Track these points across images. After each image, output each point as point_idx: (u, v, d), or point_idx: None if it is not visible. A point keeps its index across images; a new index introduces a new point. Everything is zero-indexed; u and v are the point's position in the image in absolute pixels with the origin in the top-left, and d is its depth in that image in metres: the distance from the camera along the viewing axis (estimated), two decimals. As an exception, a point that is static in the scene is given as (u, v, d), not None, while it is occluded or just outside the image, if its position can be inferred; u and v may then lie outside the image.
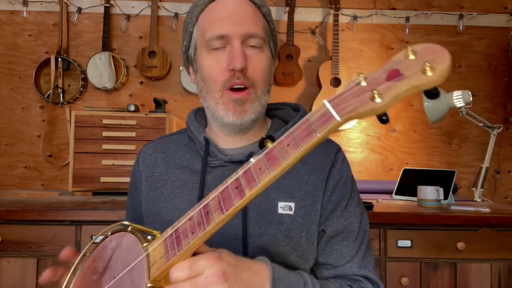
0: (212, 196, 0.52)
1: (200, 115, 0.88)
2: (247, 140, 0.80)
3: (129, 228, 0.60)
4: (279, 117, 0.85)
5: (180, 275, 0.50)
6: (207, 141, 0.79)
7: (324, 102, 0.46)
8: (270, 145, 0.49)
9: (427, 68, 0.41)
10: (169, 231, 0.54)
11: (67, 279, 0.63)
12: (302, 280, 0.64)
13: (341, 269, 0.75)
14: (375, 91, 0.42)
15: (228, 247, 0.71)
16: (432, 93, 0.43)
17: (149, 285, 0.51)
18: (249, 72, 0.73)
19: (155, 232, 0.59)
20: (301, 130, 0.47)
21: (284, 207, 0.73)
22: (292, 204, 0.74)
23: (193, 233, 0.51)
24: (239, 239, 0.72)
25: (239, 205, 0.49)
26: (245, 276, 0.55)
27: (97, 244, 0.65)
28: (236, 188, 0.50)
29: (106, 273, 0.59)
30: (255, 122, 0.78)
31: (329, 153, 0.79)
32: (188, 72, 0.85)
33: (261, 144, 0.51)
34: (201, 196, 0.75)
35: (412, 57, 0.43)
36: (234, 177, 0.51)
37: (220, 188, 0.52)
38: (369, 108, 0.42)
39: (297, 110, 0.85)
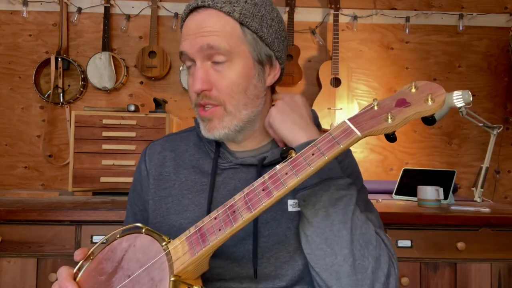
0: (238, 198, 0.58)
1: None
2: (257, 143, 0.79)
3: (143, 230, 0.63)
4: None
5: None
6: (218, 143, 0.79)
7: (345, 120, 0.57)
8: (294, 154, 0.57)
9: (429, 99, 0.54)
10: (192, 230, 0.59)
11: None
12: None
13: None
14: (389, 114, 0.54)
15: (239, 248, 0.71)
16: (429, 120, 0.55)
17: (172, 278, 0.54)
18: (213, 92, 0.71)
19: (166, 237, 0.62)
20: (324, 142, 0.56)
21: (294, 205, 0.73)
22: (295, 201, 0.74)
23: (219, 230, 0.57)
24: (249, 240, 0.71)
25: (267, 204, 0.55)
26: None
27: (104, 246, 0.66)
28: (263, 190, 0.56)
29: (118, 273, 0.60)
30: (249, 130, 0.77)
31: None
32: None
33: (283, 155, 0.58)
34: (210, 198, 0.74)
35: (414, 90, 0.56)
36: (260, 181, 0.58)
37: (246, 190, 0.58)
38: (384, 126, 0.54)
39: None
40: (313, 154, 0.55)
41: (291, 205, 0.73)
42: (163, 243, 0.59)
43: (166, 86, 2.33)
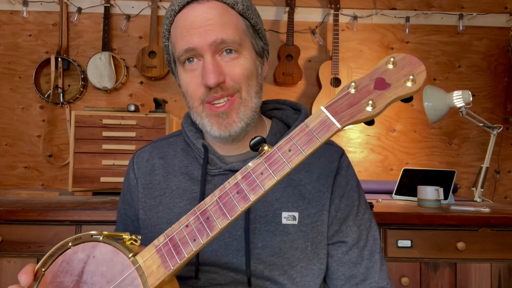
0: (209, 202, 0.52)
1: None
2: (246, 147, 0.76)
3: (101, 238, 0.55)
4: (279, 118, 0.82)
5: None
6: (206, 148, 0.76)
7: (322, 109, 0.51)
8: (269, 149, 0.51)
9: (410, 81, 0.49)
10: (162, 239, 0.54)
11: None
12: None
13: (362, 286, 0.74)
14: (369, 101, 0.49)
15: (231, 259, 0.70)
16: (407, 99, 0.51)
17: None
18: (227, 82, 0.68)
19: (123, 234, 0.56)
20: (301, 136, 0.50)
21: (288, 217, 0.71)
22: (296, 214, 0.72)
23: (194, 240, 0.51)
24: (242, 251, 0.70)
25: (244, 209, 0.50)
26: None
27: (53, 257, 0.59)
28: (238, 193, 0.51)
29: None
30: (250, 127, 0.74)
31: (333, 159, 0.77)
32: (179, 85, 0.79)
33: (255, 148, 0.52)
34: None
35: (392, 67, 0.51)
36: (232, 182, 0.52)
37: (218, 193, 0.52)
38: (365, 116, 0.49)
39: (297, 110, 0.82)
40: (289, 150, 0.50)
41: (285, 218, 0.71)
42: (130, 255, 0.53)
43: (166, 86, 2.33)
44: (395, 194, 1.92)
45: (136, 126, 1.82)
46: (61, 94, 2.23)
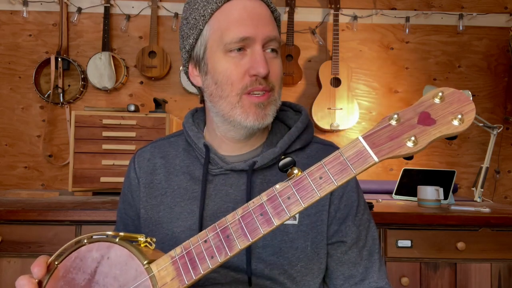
0: (231, 220, 0.51)
1: (198, 117, 0.84)
2: (249, 146, 0.77)
3: (117, 240, 0.55)
4: (280, 119, 0.82)
5: None
6: (207, 148, 0.76)
7: (359, 139, 0.49)
8: (298, 173, 0.49)
9: (457, 120, 0.45)
10: (179, 251, 0.53)
11: None
12: None
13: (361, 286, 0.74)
14: (411, 136, 0.46)
15: (232, 260, 0.71)
16: (452, 137, 0.48)
17: None
18: (270, 76, 0.70)
19: (139, 236, 0.56)
20: (334, 164, 0.48)
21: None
22: (296, 214, 0.72)
23: (212, 257, 0.50)
24: (243, 251, 0.71)
25: (266, 233, 0.49)
26: None
27: (66, 253, 0.59)
28: (262, 215, 0.49)
29: None
30: None
31: None
32: (186, 72, 0.79)
33: (284, 169, 0.50)
34: (202, 207, 0.73)
35: (439, 101, 0.47)
36: (257, 202, 0.50)
37: (240, 212, 0.51)
38: (405, 152, 0.46)
39: (298, 111, 0.83)
40: (320, 178, 0.48)
41: None
42: (145, 262, 0.52)
43: (166, 86, 2.32)
44: (395, 194, 1.92)
45: (136, 126, 1.82)
46: (61, 94, 2.23)
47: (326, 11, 2.36)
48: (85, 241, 0.58)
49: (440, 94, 0.47)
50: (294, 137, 0.76)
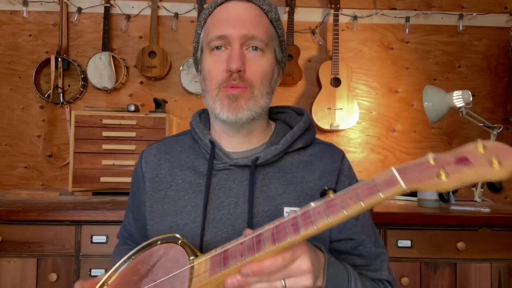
0: (267, 227, 0.56)
1: (204, 116, 0.88)
2: (251, 144, 0.80)
3: (179, 242, 0.66)
4: (283, 120, 0.85)
5: (275, 264, 0.53)
6: (213, 144, 0.79)
7: (392, 169, 0.51)
8: (332, 195, 0.54)
9: (495, 162, 0.44)
10: (219, 249, 0.59)
11: (107, 274, 0.70)
12: (346, 270, 0.68)
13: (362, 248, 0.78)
14: (442, 170, 0.46)
15: None
16: (495, 187, 0.46)
17: None
18: (247, 73, 0.73)
19: (197, 251, 0.65)
20: (364, 188, 0.51)
21: (290, 213, 0.72)
22: (298, 209, 0.73)
23: (241, 256, 0.56)
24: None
25: (292, 241, 0.53)
26: (316, 263, 0.60)
27: (145, 249, 0.71)
28: (293, 225, 0.54)
29: (148, 277, 0.65)
30: (257, 124, 0.79)
31: (335, 159, 0.80)
32: (199, 71, 0.85)
33: (323, 193, 0.56)
34: (206, 199, 0.76)
35: (481, 151, 0.47)
36: (292, 215, 0.55)
37: (277, 222, 0.56)
38: (434, 183, 0.47)
39: (301, 114, 0.85)
40: (350, 198, 0.51)
41: (287, 213, 0.74)
42: (191, 257, 0.62)
43: (166, 86, 2.33)
44: (395, 194, 1.92)
45: (136, 126, 1.82)
46: (61, 94, 2.23)
47: (326, 11, 2.36)
48: (158, 242, 0.70)
49: (482, 145, 0.47)
50: (296, 136, 0.79)
